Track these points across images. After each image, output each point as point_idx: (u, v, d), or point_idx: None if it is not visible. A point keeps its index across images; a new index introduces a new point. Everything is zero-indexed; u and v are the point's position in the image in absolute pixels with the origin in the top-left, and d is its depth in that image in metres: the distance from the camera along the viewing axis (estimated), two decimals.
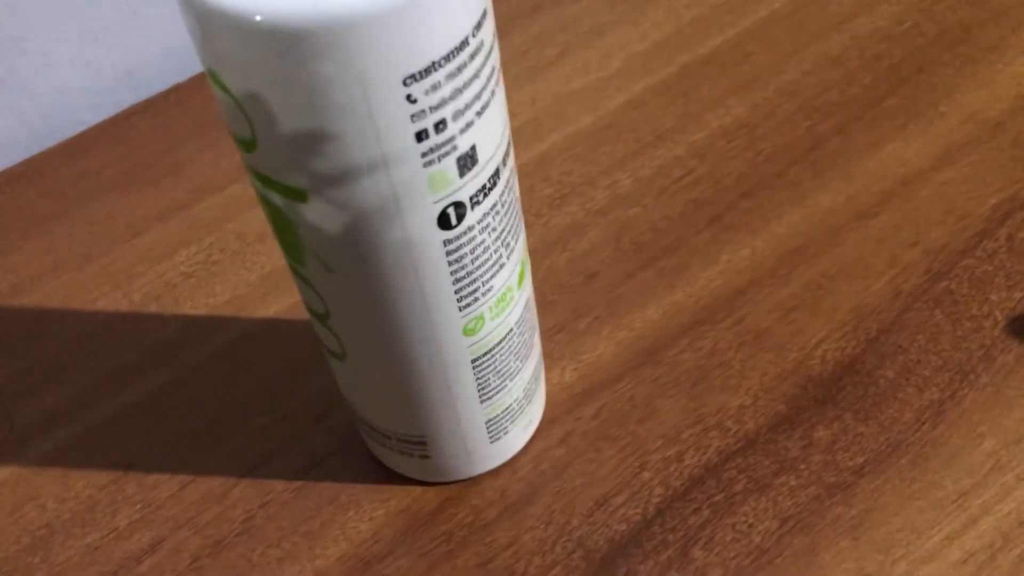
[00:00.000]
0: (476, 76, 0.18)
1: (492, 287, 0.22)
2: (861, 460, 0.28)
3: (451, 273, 0.21)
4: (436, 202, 0.19)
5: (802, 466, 0.28)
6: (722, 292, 0.32)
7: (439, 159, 0.19)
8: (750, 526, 0.27)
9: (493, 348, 0.24)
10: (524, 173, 0.36)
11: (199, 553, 0.28)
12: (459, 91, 0.18)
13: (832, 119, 0.36)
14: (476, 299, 0.22)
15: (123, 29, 0.43)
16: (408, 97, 0.17)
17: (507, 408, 0.26)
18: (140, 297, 0.34)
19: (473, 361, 0.24)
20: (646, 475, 0.28)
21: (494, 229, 0.21)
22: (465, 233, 0.21)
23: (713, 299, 0.32)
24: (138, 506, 0.29)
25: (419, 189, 0.19)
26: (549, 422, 0.29)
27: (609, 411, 0.29)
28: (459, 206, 0.20)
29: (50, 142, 0.43)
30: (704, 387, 0.29)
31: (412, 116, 0.18)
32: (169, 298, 0.34)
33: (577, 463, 0.28)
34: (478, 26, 0.18)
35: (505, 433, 0.27)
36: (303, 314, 0.33)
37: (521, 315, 0.25)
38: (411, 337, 0.22)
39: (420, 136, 0.18)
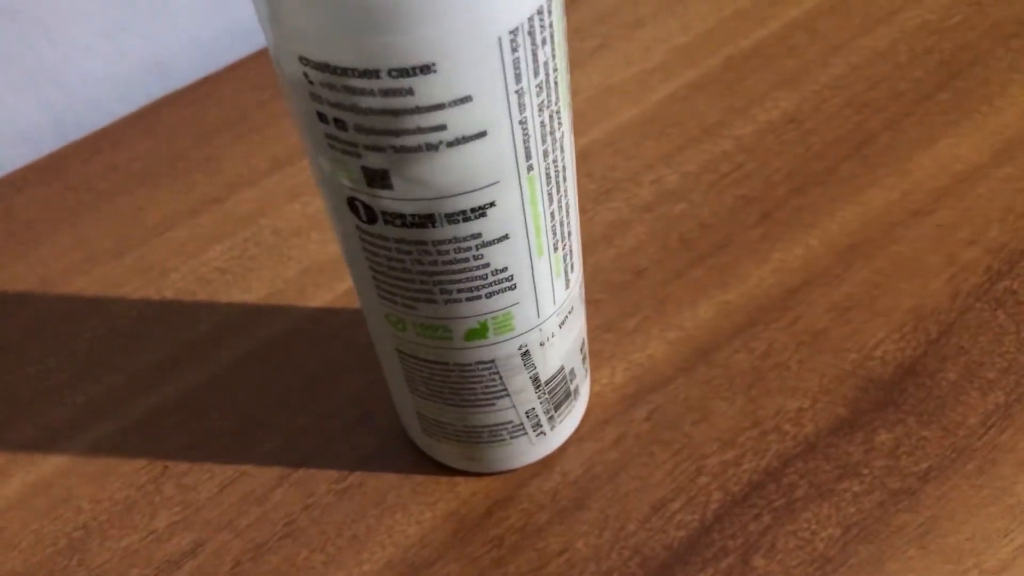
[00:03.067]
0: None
1: (417, 311, 0.22)
2: (926, 465, 0.27)
3: (368, 267, 0.21)
4: (349, 189, 0.19)
5: (865, 471, 0.27)
6: (775, 291, 0.31)
7: (342, 153, 0.19)
8: (813, 533, 0.26)
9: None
10: None
11: (240, 557, 0.27)
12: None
13: (883, 114, 0.35)
14: (400, 311, 0.22)
15: (153, 19, 0.42)
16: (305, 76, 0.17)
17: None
18: (173, 293, 0.33)
19: (399, 351, 0.24)
20: (703, 479, 0.27)
21: (417, 261, 0.21)
22: (380, 239, 0.20)
23: (767, 298, 0.31)
24: (177, 508, 0.28)
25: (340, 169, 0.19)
26: (600, 424, 0.28)
27: (662, 413, 0.28)
28: (365, 206, 0.20)
29: (79, 134, 0.42)
30: (760, 389, 0.29)
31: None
32: (204, 294, 0.33)
33: (631, 467, 0.27)
34: None
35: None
36: (344, 310, 0.32)
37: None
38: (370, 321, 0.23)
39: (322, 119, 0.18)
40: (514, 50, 0.17)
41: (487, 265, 0.21)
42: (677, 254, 0.32)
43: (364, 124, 0.17)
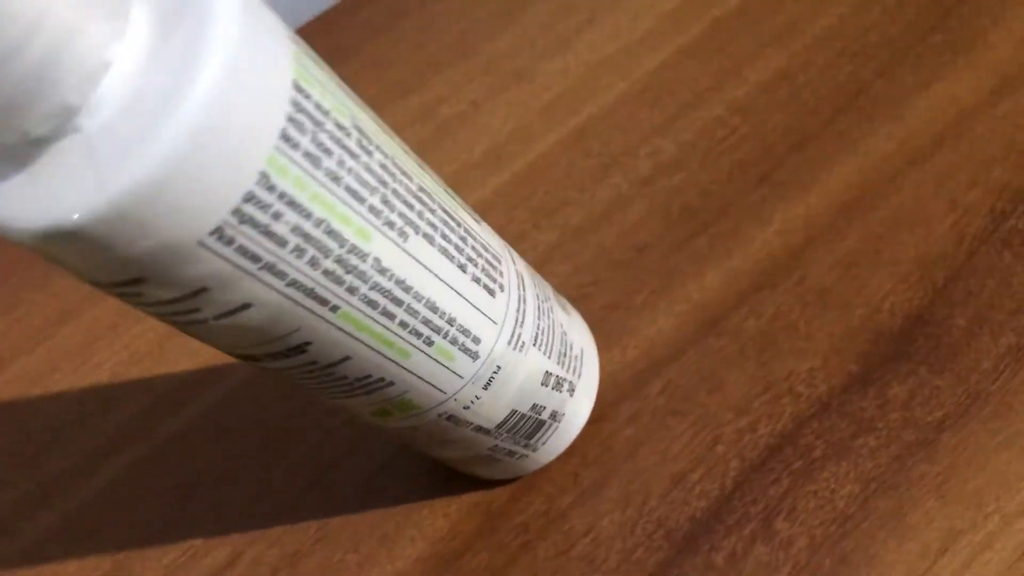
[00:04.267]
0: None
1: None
2: (940, 415, 0.27)
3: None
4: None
5: (880, 426, 0.27)
6: (780, 253, 0.31)
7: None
8: (833, 492, 0.26)
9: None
10: (563, 148, 0.36)
11: (278, 565, 0.28)
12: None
13: (875, 61, 0.35)
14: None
15: None
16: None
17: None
18: None
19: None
20: (720, 449, 0.27)
21: (298, 378, 0.20)
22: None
23: (771, 261, 0.31)
24: (211, 523, 0.29)
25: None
26: (615, 402, 0.29)
27: (676, 386, 0.29)
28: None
29: None
30: (771, 353, 0.29)
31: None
32: None
33: (648, 442, 0.28)
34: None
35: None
36: None
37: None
38: None
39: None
40: (229, 242, 0.16)
41: (344, 378, 0.20)
42: (679, 225, 0.32)
43: (146, 311, 0.17)
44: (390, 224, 0.19)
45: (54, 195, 0.14)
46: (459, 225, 0.21)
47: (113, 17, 0.14)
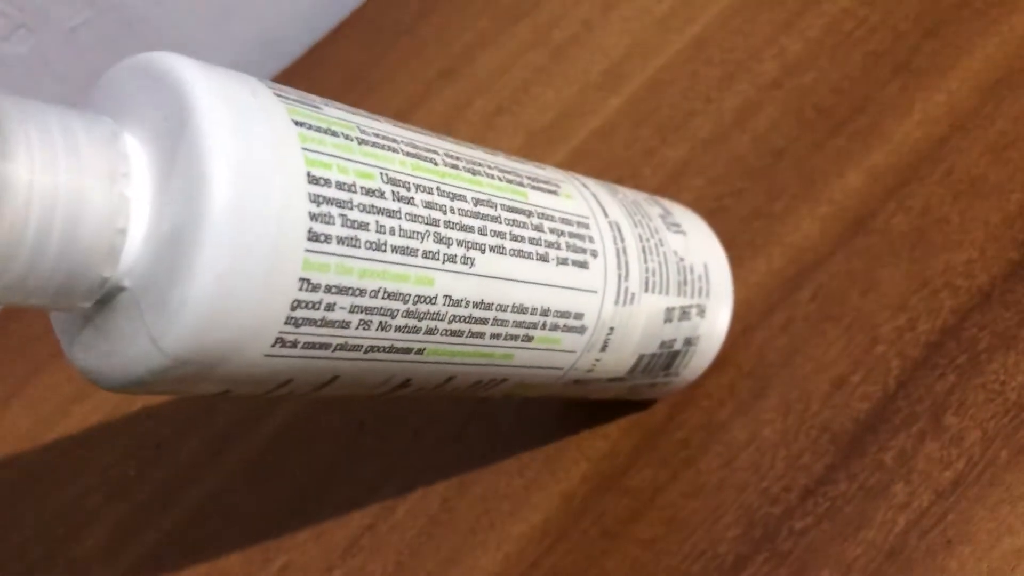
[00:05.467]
0: None
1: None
2: None
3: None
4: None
5: None
6: (923, 144, 0.30)
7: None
8: (1003, 384, 0.25)
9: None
10: (683, 59, 0.35)
11: (446, 494, 0.29)
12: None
13: None
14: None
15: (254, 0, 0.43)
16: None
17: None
18: None
19: None
20: (879, 349, 0.27)
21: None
22: None
23: (915, 154, 0.30)
24: (376, 461, 0.30)
25: None
26: (766, 312, 0.28)
27: (827, 290, 0.28)
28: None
29: None
30: (924, 248, 0.28)
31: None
32: None
33: (804, 349, 0.28)
34: None
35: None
36: None
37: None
38: None
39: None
40: (293, 345, 0.16)
41: (456, 388, 0.21)
42: (815, 126, 0.31)
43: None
44: (451, 258, 0.18)
45: (121, 351, 0.15)
46: (530, 215, 0.20)
47: (114, 179, 0.15)
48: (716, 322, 0.27)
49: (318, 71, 0.41)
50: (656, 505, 0.27)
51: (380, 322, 0.17)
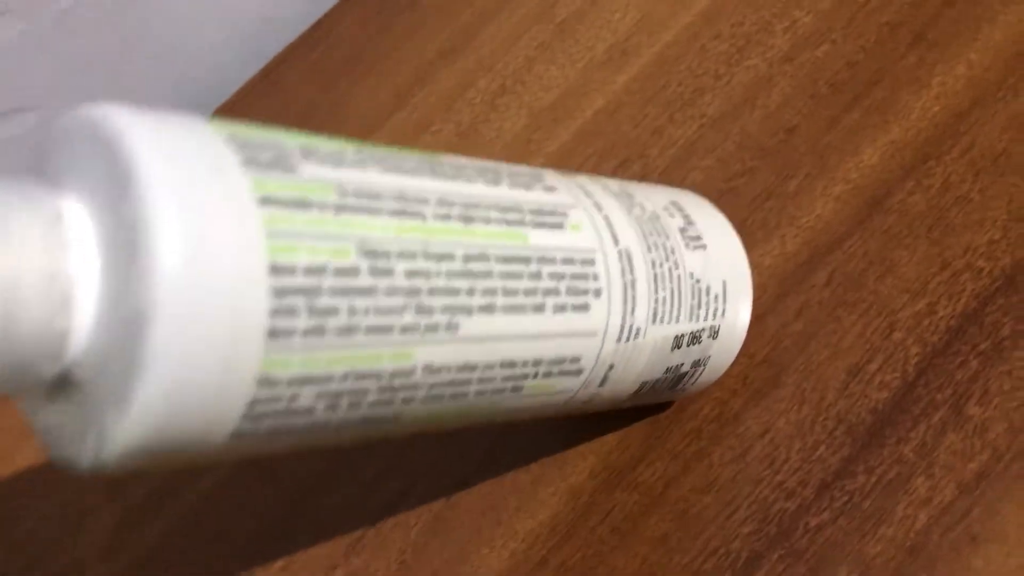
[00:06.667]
0: None
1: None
2: None
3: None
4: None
5: None
6: (942, 118, 0.28)
7: None
8: None
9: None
10: (690, 34, 0.34)
11: (451, 490, 0.28)
12: None
13: None
14: None
15: None
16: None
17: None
18: None
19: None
20: (897, 335, 0.26)
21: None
22: None
23: (934, 129, 0.28)
24: (381, 458, 0.29)
25: None
26: (779, 296, 0.27)
27: (842, 274, 0.27)
28: None
29: (208, 109, 0.43)
30: (944, 228, 0.27)
31: None
32: None
33: (819, 335, 0.26)
34: None
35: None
36: None
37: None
38: None
39: None
40: (255, 432, 0.15)
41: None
42: (828, 101, 0.30)
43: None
44: (433, 328, 0.16)
45: (82, 436, 0.14)
46: (528, 262, 0.18)
47: (55, 277, 0.13)
48: (729, 340, 0.25)
49: (318, 49, 0.40)
50: (666, 500, 0.26)
51: (350, 403, 0.16)
